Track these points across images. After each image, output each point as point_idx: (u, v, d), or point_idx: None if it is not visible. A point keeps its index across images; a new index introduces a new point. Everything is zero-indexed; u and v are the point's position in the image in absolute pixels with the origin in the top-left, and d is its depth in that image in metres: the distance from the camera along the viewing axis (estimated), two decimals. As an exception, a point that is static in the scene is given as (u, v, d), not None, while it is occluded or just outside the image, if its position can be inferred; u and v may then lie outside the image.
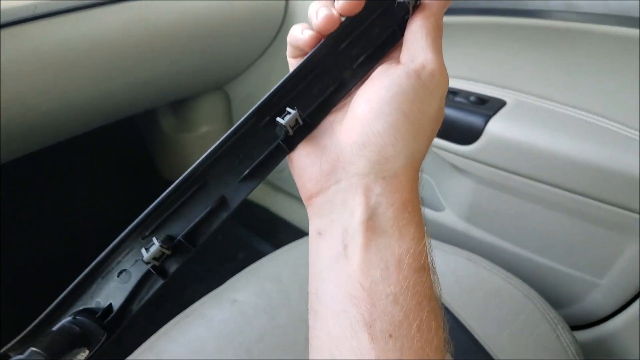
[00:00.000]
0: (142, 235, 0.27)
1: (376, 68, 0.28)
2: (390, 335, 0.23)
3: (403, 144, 0.25)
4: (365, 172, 0.25)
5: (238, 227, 1.32)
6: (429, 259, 0.26)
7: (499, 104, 0.71)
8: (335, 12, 0.27)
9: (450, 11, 0.70)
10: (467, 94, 0.75)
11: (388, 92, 0.25)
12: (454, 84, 0.77)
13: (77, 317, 0.26)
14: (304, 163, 0.28)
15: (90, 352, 0.25)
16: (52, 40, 0.65)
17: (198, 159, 0.29)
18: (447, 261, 0.67)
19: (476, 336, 0.58)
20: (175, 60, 0.84)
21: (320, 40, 0.28)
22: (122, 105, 0.90)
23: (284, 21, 0.94)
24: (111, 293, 0.28)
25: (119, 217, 1.32)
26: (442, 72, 0.27)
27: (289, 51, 0.30)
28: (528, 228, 0.77)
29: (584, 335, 0.76)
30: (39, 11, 0.60)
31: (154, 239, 0.26)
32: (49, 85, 0.69)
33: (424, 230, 0.26)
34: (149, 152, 1.44)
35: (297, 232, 1.28)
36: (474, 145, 0.72)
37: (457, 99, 0.74)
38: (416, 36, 0.27)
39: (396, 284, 0.24)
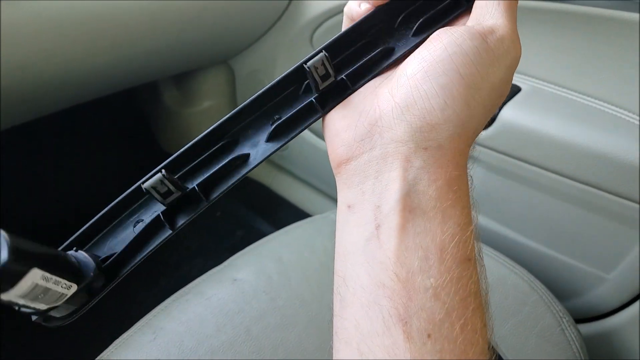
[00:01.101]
0: None
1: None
2: (429, 336, 0.20)
3: (453, 110, 0.22)
4: (405, 139, 0.22)
5: (237, 205, 1.31)
6: (476, 249, 0.22)
7: (514, 90, 0.69)
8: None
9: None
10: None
11: (445, 52, 0.22)
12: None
13: (80, 252, 0.25)
14: (338, 126, 0.25)
15: (78, 288, 0.23)
16: (57, 7, 0.62)
17: (201, 130, 0.27)
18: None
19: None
20: (182, 32, 0.81)
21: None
22: (126, 76, 0.88)
23: (292, -2, 0.91)
24: (122, 241, 0.26)
25: (116, 187, 1.32)
26: (513, 40, 0.24)
27: (344, 23, 0.29)
28: (536, 218, 0.76)
29: (587, 328, 0.75)
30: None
31: (162, 171, 0.24)
32: (52, 53, 0.67)
33: (472, 215, 0.23)
34: (149, 124, 1.42)
35: (297, 212, 1.27)
36: (486, 131, 0.70)
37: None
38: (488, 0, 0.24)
39: (437, 277, 0.20)
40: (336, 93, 0.26)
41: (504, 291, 0.61)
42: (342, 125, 0.25)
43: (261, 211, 1.30)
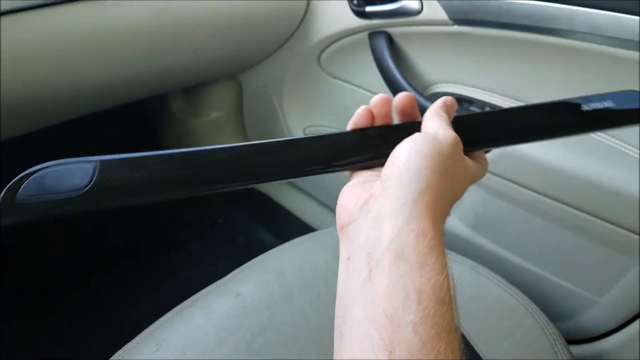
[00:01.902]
0: None
1: None
2: None
3: (417, 173, 0.29)
4: (391, 200, 0.28)
5: (239, 213, 1.33)
6: (451, 292, 0.27)
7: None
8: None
9: (474, 23, 0.70)
10: (482, 104, 0.75)
11: (405, 142, 0.31)
12: (470, 93, 0.77)
13: None
14: (345, 201, 0.32)
15: None
16: (79, 24, 0.65)
17: (208, 143, 0.32)
18: (450, 268, 0.67)
19: (474, 346, 0.58)
20: (195, 49, 0.84)
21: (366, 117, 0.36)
22: (140, 89, 0.90)
23: (304, 19, 0.94)
24: None
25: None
26: (453, 139, 0.32)
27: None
28: (533, 241, 0.77)
29: (579, 350, 0.77)
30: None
31: None
32: (70, 68, 0.69)
33: (445, 262, 0.27)
34: (157, 133, 1.45)
35: (297, 222, 1.29)
36: (487, 155, 0.72)
37: (472, 108, 0.74)
38: (431, 118, 0.34)
39: (416, 314, 0.25)
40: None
41: (500, 312, 0.63)
42: (347, 200, 0.32)
43: (262, 220, 1.32)
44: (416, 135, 0.32)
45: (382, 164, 0.32)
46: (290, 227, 1.29)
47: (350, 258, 0.29)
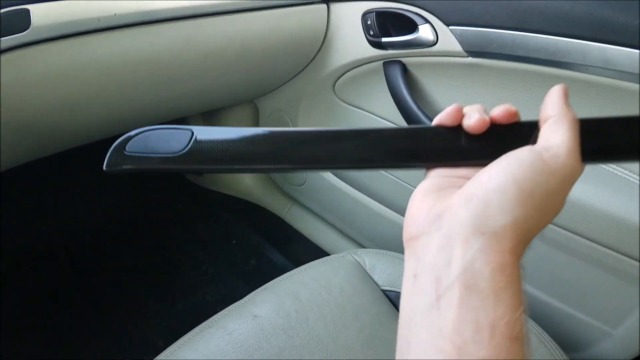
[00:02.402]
0: None
1: None
2: None
3: (507, 206, 0.26)
4: (466, 223, 0.26)
5: (251, 234, 1.35)
6: (524, 330, 0.25)
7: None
8: (487, 118, 0.31)
9: (488, 55, 0.72)
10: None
11: (506, 160, 0.28)
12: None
13: None
14: (414, 211, 0.29)
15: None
16: (110, 52, 0.68)
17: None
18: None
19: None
20: (219, 77, 0.87)
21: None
22: (161, 114, 0.93)
23: (321, 48, 0.98)
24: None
25: (143, 214, 1.37)
26: (569, 157, 0.28)
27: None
28: (545, 271, 0.78)
29: (592, 382, 0.77)
30: (101, 24, 0.64)
31: None
32: (100, 93, 0.72)
33: (521, 299, 0.25)
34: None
35: (309, 245, 1.30)
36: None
37: (486, 138, 0.76)
38: (550, 125, 0.30)
39: (487, 349, 0.23)
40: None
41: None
42: (418, 210, 0.29)
43: (274, 242, 1.33)
44: (521, 153, 0.28)
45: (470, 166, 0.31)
46: (301, 250, 1.30)
47: (417, 277, 0.27)
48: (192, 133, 0.33)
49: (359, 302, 0.67)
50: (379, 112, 0.96)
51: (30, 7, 0.58)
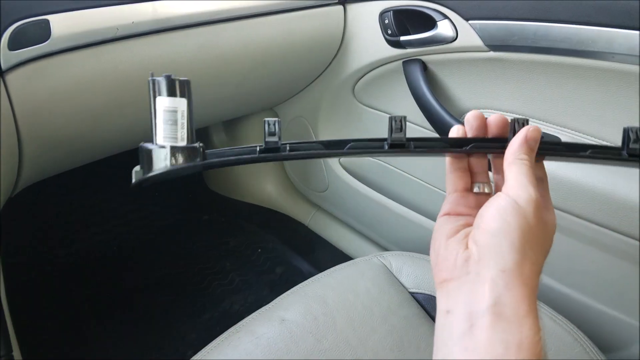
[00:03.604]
0: None
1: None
2: None
3: (511, 246, 0.32)
4: (490, 265, 0.32)
5: (277, 243, 1.35)
6: (543, 351, 0.30)
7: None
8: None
9: (510, 48, 0.71)
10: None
11: (497, 208, 0.33)
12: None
13: None
14: (445, 254, 0.35)
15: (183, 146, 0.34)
16: (129, 61, 0.69)
17: (249, 175, 0.36)
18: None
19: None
20: (239, 84, 0.88)
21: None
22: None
23: (339, 51, 0.97)
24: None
25: (168, 226, 1.39)
26: (533, 204, 0.33)
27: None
28: (578, 268, 0.76)
29: (631, 382, 0.74)
30: (120, 33, 0.65)
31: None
32: (121, 102, 0.73)
33: (539, 325, 0.31)
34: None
35: (334, 251, 1.29)
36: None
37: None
38: (510, 167, 0.35)
39: None
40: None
41: (547, 342, 0.61)
42: (445, 255, 0.35)
43: (299, 249, 1.33)
44: (503, 202, 0.33)
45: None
46: (326, 256, 1.29)
47: (450, 312, 0.32)
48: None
49: (387, 304, 0.66)
50: (401, 114, 0.95)
51: (50, 17, 0.59)
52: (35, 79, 0.61)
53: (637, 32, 0.58)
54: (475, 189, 0.40)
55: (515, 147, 0.35)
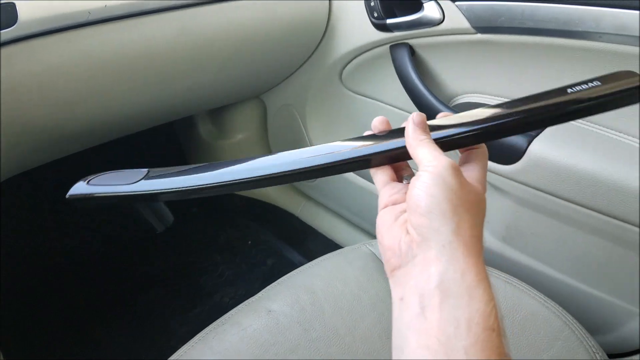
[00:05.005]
0: None
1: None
2: None
3: (443, 218, 0.32)
4: (431, 245, 0.32)
5: (267, 234, 1.34)
6: (498, 321, 0.30)
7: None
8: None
9: (497, 29, 0.70)
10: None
11: (420, 185, 0.34)
12: (497, 102, 0.76)
13: None
14: (389, 243, 0.35)
15: None
16: (103, 46, 0.67)
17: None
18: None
19: (511, 360, 0.57)
20: (219, 70, 0.86)
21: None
22: (166, 112, 0.92)
23: (325, 35, 0.96)
24: None
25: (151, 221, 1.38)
26: (450, 168, 0.34)
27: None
28: (567, 252, 0.75)
29: (621, 364, 0.74)
30: (92, 17, 0.63)
31: None
32: (97, 89, 0.71)
33: (492, 294, 0.31)
34: (185, 155, 1.48)
35: (326, 241, 1.29)
36: (515, 165, 0.71)
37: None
38: (416, 148, 0.37)
39: (466, 339, 0.28)
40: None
41: (535, 326, 0.61)
42: (389, 244, 0.35)
43: (290, 240, 1.33)
44: (424, 177, 0.34)
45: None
46: (317, 246, 1.29)
47: (403, 299, 0.32)
48: (147, 171, 0.41)
49: (376, 292, 0.65)
50: (389, 100, 0.94)
51: (16, 1, 0.57)
52: (2, 66, 0.59)
53: (625, 10, 0.57)
54: (405, 182, 0.40)
55: (411, 133, 0.37)
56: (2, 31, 0.57)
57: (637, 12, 0.56)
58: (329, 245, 1.27)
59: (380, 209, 0.39)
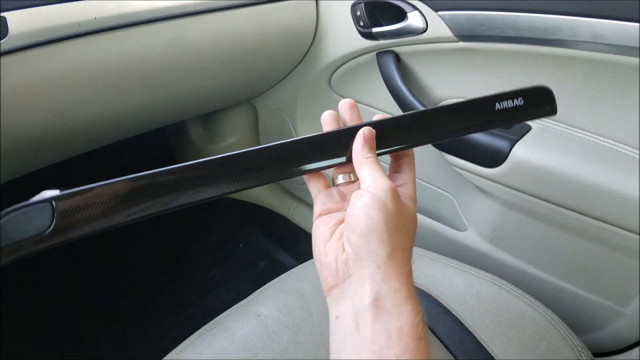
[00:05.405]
0: None
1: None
2: None
3: (380, 240, 0.34)
4: (366, 264, 0.34)
5: (259, 236, 1.35)
6: (424, 331, 0.33)
7: (525, 129, 0.72)
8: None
9: (478, 38, 0.71)
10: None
11: (361, 207, 0.35)
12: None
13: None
14: (326, 261, 0.37)
15: None
16: (94, 57, 0.68)
17: None
18: (470, 283, 0.67)
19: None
20: (211, 77, 0.87)
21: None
22: (157, 118, 0.93)
23: (313, 43, 0.97)
24: None
25: (148, 221, 1.38)
26: (390, 191, 0.36)
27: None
28: (552, 253, 0.77)
29: (606, 363, 0.75)
30: (82, 29, 0.63)
31: None
32: (89, 99, 0.72)
33: (419, 308, 0.33)
34: (176, 159, 1.48)
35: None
36: (498, 168, 0.72)
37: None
38: (360, 165, 0.38)
39: (397, 348, 0.31)
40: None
41: (521, 326, 0.62)
42: (326, 262, 0.36)
43: (282, 242, 1.33)
44: (365, 199, 0.35)
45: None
46: (310, 249, 1.29)
47: (339, 317, 0.34)
48: (52, 204, 0.31)
49: (363, 295, 0.66)
50: (376, 104, 0.95)
51: (7, 14, 0.58)
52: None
53: (600, 20, 0.58)
54: (340, 180, 0.41)
55: (358, 149, 0.38)
56: (-7, 44, 0.58)
57: (611, 21, 0.57)
58: (320, 248, 1.27)
59: (315, 218, 0.40)
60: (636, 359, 0.72)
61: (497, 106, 0.41)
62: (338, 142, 0.39)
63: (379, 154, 0.39)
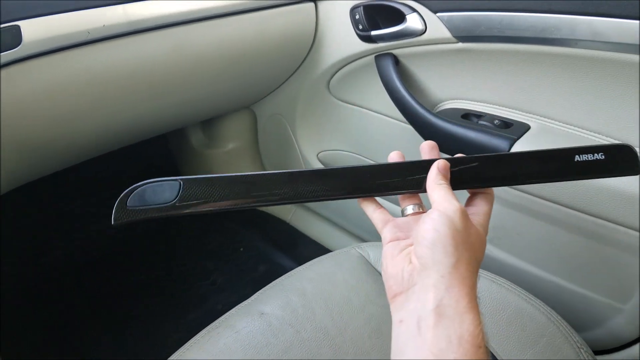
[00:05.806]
0: None
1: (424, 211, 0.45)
2: None
3: (445, 252, 0.36)
4: (431, 274, 0.36)
5: (259, 241, 1.35)
6: (484, 340, 0.34)
7: (524, 128, 0.73)
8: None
9: (477, 38, 0.72)
10: (491, 118, 0.76)
11: (430, 222, 0.38)
12: (480, 107, 0.79)
13: None
14: (390, 272, 0.40)
15: None
16: (102, 64, 0.69)
17: (227, 172, 0.43)
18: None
19: (498, 358, 0.59)
20: (211, 84, 0.88)
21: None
22: (160, 124, 0.94)
23: (312, 47, 0.98)
24: None
25: (145, 226, 1.38)
26: (459, 212, 0.38)
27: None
28: (551, 251, 0.77)
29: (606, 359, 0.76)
30: (91, 36, 0.65)
31: None
32: (96, 106, 0.73)
33: (480, 319, 0.35)
34: (177, 164, 1.49)
35: (317, 247, 1.30)
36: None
37: (482, 122, 0.76)
38: (433, 189, 0.41)
39: (457, 353, 0.32)
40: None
41: (521, 323, 0.63)
42: (393, 272, 0.40)
43: (282, 246, 1.33)
44: (434, 215, 0.38)
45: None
46: (309, 252, 1.30)
47: (402, 321, 0.36)
48: (180, 183, 0.41)
49: (365, 294, 0.67)
50: (375, 107, 0.96)
51: (21, 23, 0.59)
52: (7, 85, 0.61)
53: (598, 18, 0.59)
54: (410, 210, 0.45)
55: (432, 176, 0.42)
56: (8, 52, 0.59)
57: (610, 19, 0.58)
58: (320, 251, 1.28)
59: (385, 244, 0.43)
60: (636, 356, 0.73)
61: (577, 158, 0.43)
62: (417, 169, 0.44)
63: (454, 189, 0.42)
